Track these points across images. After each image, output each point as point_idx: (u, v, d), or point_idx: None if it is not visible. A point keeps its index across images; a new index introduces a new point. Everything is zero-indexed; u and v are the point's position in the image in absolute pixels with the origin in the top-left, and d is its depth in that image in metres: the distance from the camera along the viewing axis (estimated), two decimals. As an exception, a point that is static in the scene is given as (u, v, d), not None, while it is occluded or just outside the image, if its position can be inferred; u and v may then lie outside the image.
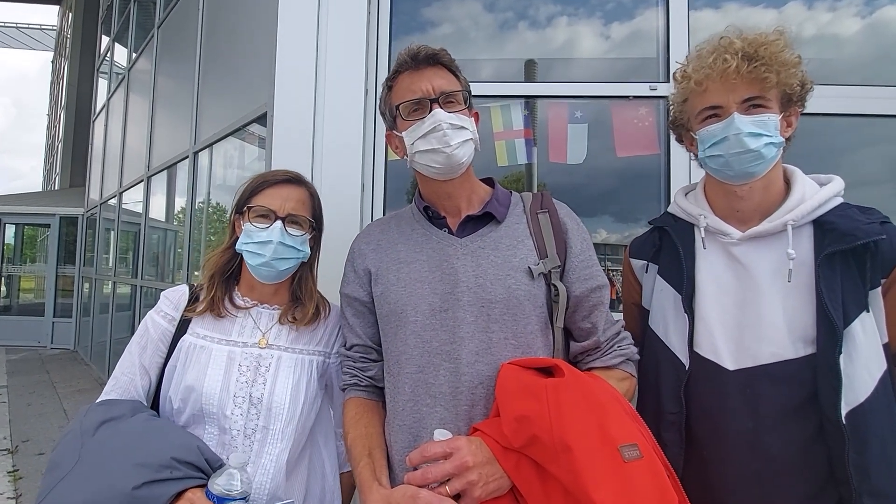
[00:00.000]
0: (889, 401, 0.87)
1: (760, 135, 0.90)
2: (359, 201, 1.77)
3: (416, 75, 0.94)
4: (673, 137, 1.12)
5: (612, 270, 1.89)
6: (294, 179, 1.08)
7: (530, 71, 2.01)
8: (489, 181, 1.07)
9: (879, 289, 0.87)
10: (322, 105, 1.79)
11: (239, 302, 1.08)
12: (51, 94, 20.15)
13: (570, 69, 2.06)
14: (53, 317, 8.38)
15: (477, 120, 1.03)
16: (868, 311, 0.86)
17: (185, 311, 1.05)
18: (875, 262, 0.86)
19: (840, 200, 0.94)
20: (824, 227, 0.91)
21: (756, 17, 1.95)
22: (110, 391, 1.02)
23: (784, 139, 0.93)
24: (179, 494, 0.82)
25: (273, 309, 1.09)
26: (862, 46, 1.96)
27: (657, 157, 1.86)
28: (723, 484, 0.93)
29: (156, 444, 0.87)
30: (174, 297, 1.08)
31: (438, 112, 0.92)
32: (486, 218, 0.99)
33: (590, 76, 2.00)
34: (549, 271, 0.93)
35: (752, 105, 0.91)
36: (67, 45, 12.84)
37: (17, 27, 18.06)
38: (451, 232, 0.99)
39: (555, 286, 0.93)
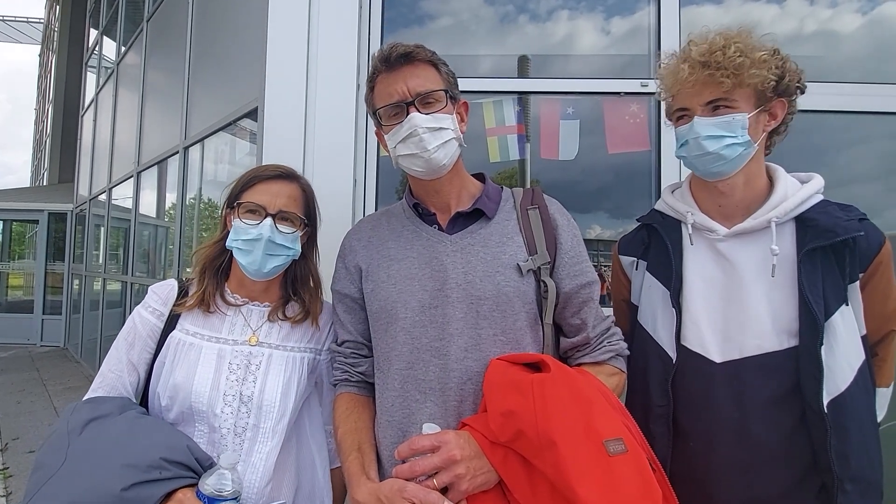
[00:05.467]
0: (867, 390, 0.91)
1: (722, 136, 0.92)
2: (350, 196, 1.76)
3: (390, 78, 0.93)
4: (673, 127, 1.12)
5: (605, 266, 1.90)
6: (286, 175, 1.06)
7: (523, 67, 2.01)
8: (480, 176, 1.07)
9: (858, 283, 0.91)
10: (313, 100, 1.78)
11: (229, 298, 1.06)
12: (38, 88, 19.84)
13: (562, 65, 2.06)
14: (43, 314, 8.28)
15: (466, 110, 1.02)
16: (847, 305, 0.90)
17: (174, 305, 1.04)
18: (853, 258, 0.90)
19: (820, 198, 0.97)
20: (806, 224, 0.93)
21: (757, 13, 1.95)
22: (97, 388, 1.00)
23: (751, 138, 0.94)
24: (169, 495, 0.81)
25: (263, 306, 1.08)
26: (860, 43, 1.97)
27: (648, 154, 1.87)
28: (710, 474, 0.95)
29: (144, 443, 0.85)
30: (162, 292, 1.06)
31: (414, 116, 0.91)
32: (476, 214, 0.99)
33: (581, 73, 2.00)
34: (539, 268, 0.93)
35: (716, 107, 0.94)
36: (55, 39, 12.62)
37: (2, 20, 17.73)
38: (441, 228, 0.99)
39: (544, 282, 0.93)
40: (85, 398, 0.98)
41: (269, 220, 0.99)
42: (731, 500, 0.93)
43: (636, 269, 1.13)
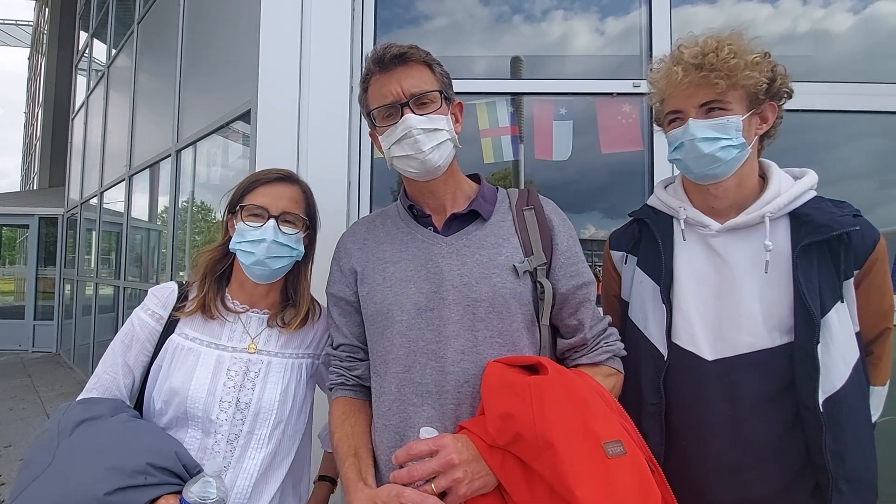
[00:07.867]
0: (862, 388, 0.91)
1: (717, 139, 0.92)
2: (345, 199, 1.75)
3: (384, 78, 0.93)
4: (663, 132, 1.11)
5: (600, 266, 1.90)
6: (287, 178, 1.07)
7: (515, 68, 2.01)
8: (475, 177, 1.07)
9: (852, 280, 0.90)
10: (307, 101, 1.77)
11: (230, 305, 1.06)
12: (28, 91, 19.64)
13: (555, 66, 2.06)
14: (34, 319, 8.19)
15: (461, 110, 1.02)
16: (842, 302, 0.89)
17: (173, 310, 1.03)
18: (848, 254, 0.89)
19: (814, 194, 0.97)
20: (800, 220, 0.93)
21: (750, 13, 1.96)
22: (92, 389, 0.99)
23: (745, 141, 0.94)
24: (153, 501, 0.80)
25: (263, 313, 1.08)
26: (852, 42, 1.99)
27: (641, 153, 1.88)
28: (703, 473, 0.95)
29: (132, 448, 0.85)
30: (162, 295, 1.06)
31: (409, 118, 0.90)
32: (471, 215, 0.99)
33: (574, 73, 2.00)
34: (535, 269, 0.93)
35: (711, 108, 0.93)
36: (44, 41, 12.49)
37: (-9, 22, 17.54)
38: (436, 230, 0.99)
39: (540, 283, 0.93)
40: (78, 398, 0.97)
41: (272, 222, 1.00)
42: (724, 500, 0.93)
43: (626, 263, 1.13)
